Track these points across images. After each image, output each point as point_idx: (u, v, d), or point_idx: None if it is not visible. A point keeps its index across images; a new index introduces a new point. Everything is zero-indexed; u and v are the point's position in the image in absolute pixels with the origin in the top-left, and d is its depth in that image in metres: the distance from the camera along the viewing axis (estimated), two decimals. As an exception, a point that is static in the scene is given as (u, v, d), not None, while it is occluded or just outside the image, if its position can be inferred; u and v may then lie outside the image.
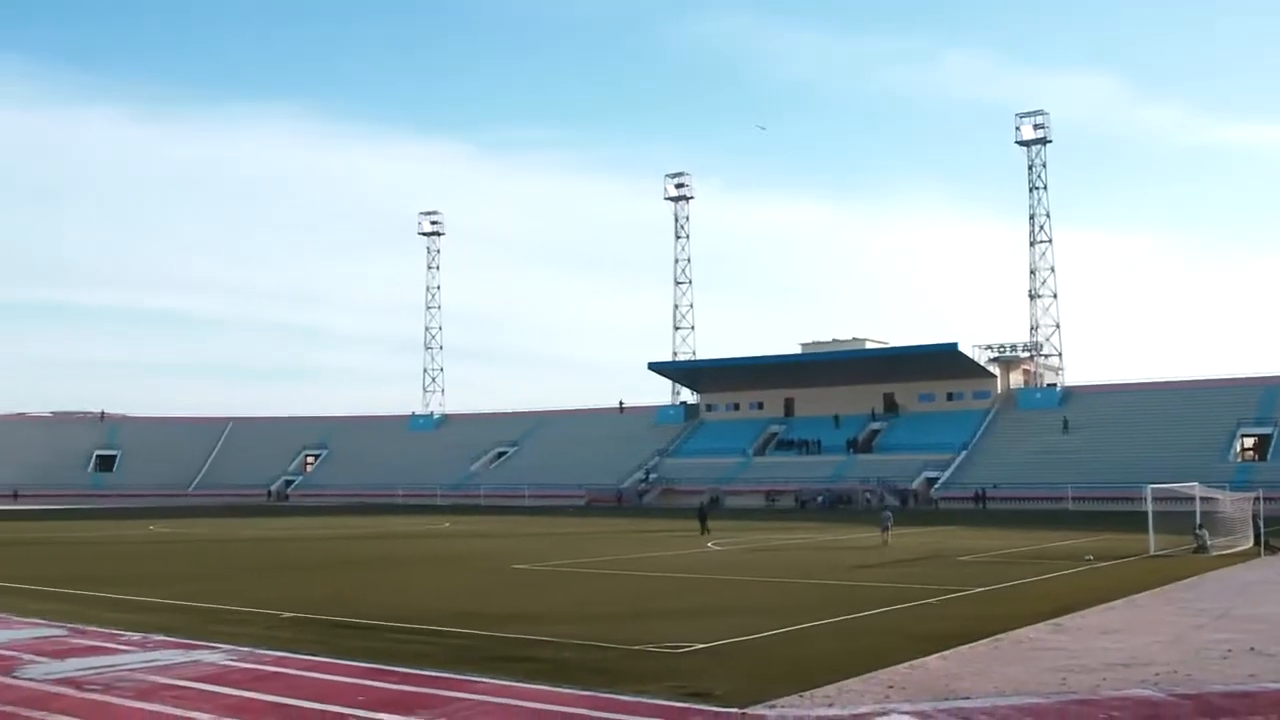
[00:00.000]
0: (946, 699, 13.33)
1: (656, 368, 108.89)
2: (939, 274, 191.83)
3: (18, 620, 20.99)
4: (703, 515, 49.95)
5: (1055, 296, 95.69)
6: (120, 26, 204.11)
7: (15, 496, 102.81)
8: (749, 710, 12.81)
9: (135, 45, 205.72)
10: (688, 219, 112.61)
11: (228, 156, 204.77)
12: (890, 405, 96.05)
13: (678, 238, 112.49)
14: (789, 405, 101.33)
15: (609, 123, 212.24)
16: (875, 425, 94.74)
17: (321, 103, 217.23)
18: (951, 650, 16.73)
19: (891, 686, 14.12)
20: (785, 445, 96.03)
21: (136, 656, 16.78)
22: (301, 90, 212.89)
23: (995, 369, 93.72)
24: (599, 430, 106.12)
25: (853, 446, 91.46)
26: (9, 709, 13.12)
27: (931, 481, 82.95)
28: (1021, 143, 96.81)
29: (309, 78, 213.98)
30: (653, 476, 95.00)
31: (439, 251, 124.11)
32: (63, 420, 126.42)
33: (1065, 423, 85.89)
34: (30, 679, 15.00)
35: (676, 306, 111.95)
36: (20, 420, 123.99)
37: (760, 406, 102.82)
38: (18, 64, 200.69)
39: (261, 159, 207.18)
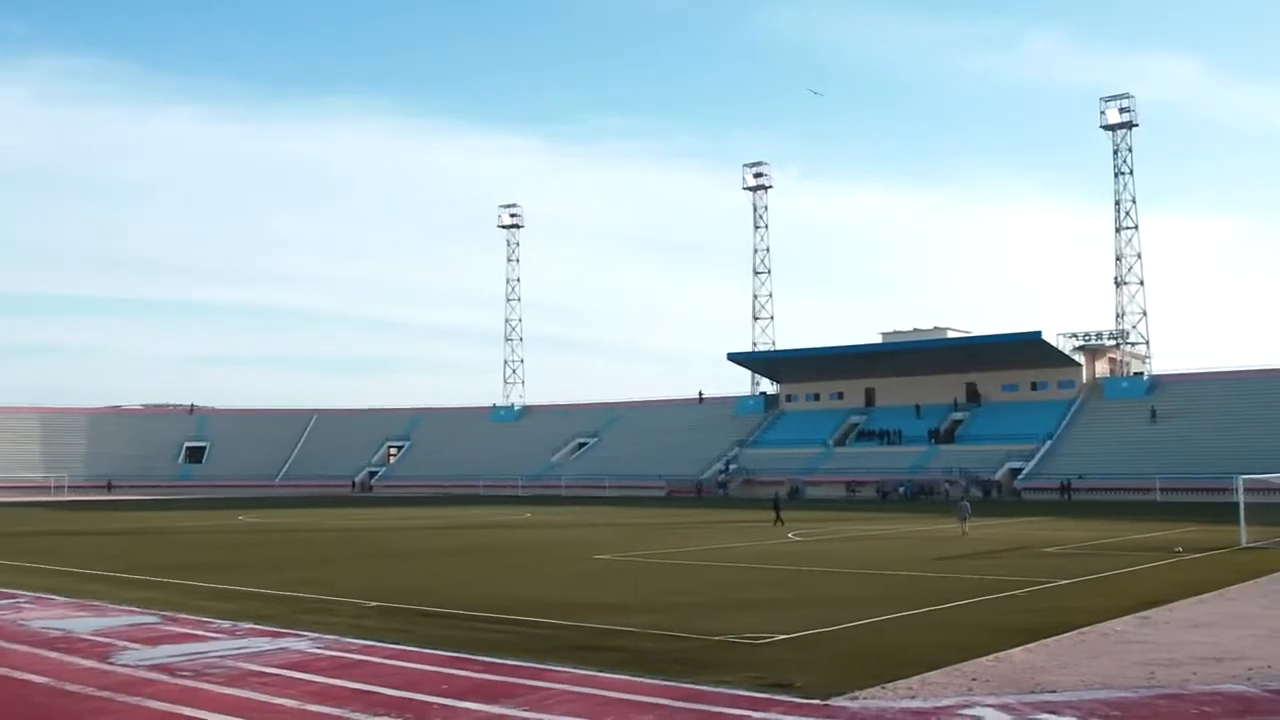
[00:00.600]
0: (1031, 692, 13.18)
1: (736, 358, 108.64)
2: (1022, 262, 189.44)
3: (112, 607, 21.51)
4: (777, 505, 50.06)
5: (1141, 284, 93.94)
6: (202, 27, 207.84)
7: (109, 487, 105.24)
8: (830, 701, 12.76)
9: (216, 45, 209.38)
10: (766, 208, 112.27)
11: (310, 153, 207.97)
12: (973, 395, 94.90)
13: (756, 227, 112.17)
14: (870, 395, 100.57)
15: (687, 113, 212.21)
16: (957, 415, 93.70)
17: (402, 98, 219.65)
18: (1036, 643, 16.52)
19: (975, 679, 13.98)
20: (866, 435, 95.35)
21: (226, 644, 17.12)
22: (382, 86, 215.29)
23: (1080, 358, 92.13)
24: (679, 421, 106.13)
25: (935, 437, 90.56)
26: (104, 694, 13.46)
27: (1015, 472, 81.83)
28: (1106, 127, 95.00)
29: (389, 74, 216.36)
30: (732, 467, 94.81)
31: (518, 244, 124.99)
32: (154, 413, 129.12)
33: (1153, 412, 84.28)
34: (124, 664, 15.37)
35: (755, 296, 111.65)
36: (114, 413, 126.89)
37: (840, 396, 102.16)
38: (105, 65, 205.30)
39: (343, 155, 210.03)
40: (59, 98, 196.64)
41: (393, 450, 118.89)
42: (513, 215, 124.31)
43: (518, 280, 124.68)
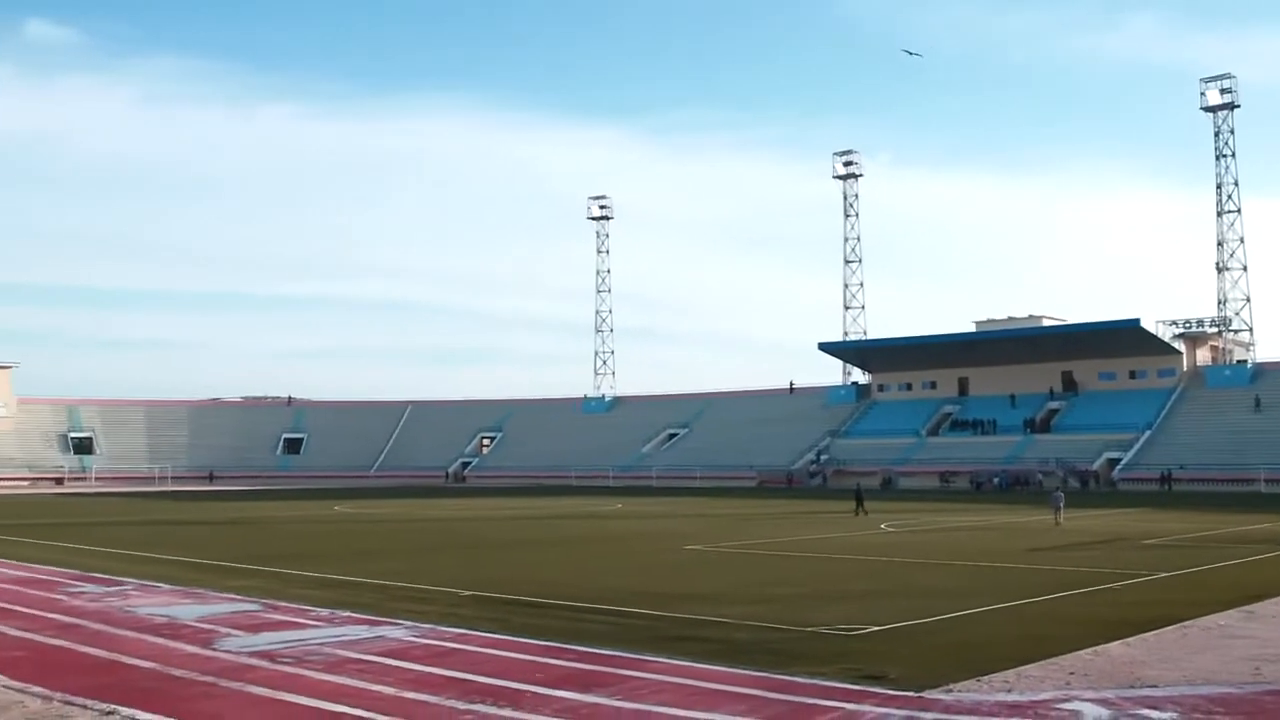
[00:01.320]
0: (1132, 687, 12.95)
1: (827, 348, 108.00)
2: (1119, 248, 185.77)
3: (215, 595, 22.01)
4: (859, 496, 49.80)
5: (1245, 269, 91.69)
6: (302, 26, 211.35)
7: (210, 478, 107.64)
8: (925, 694, 12.66)
9: (315, 43, 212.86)
10: (857, 197, 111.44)
11: (405, 148, 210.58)
12: (1069, 384, 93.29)
13: (847, 216, 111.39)
14: (963, 385, 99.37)
15: (775, 103, 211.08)
16: (1053, 405, 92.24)
17: (494, 93, 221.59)
18: (1136, 637, 16.22)
19: (1073, 673, 13.77)
20: (959, 425, 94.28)
21: (325, 631, 17.44)
22: (474, 81, 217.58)
23: (1181, 345, 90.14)
24: (769, 411, 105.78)
25: (1030, 427, 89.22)
26: (208, 679, 13.79)
27: (1113, 463, 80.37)
28: (1207, 109, 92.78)
29: (481, 68, 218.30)
30: (824, 458, 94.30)
31: (608, 235, 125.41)
32: (253, 405, 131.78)
33: (1258, 401, 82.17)
34: (227, 651, 15.73)
35: (846, 286, 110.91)
36: (214, 406, 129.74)
37: (933, 386, 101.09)
38: (209, 66, 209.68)
39: (437, 149, 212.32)
40: (165, 98, 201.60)
41: (485, 441, 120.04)
42: (602, 207, 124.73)
43: (608, 272, 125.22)
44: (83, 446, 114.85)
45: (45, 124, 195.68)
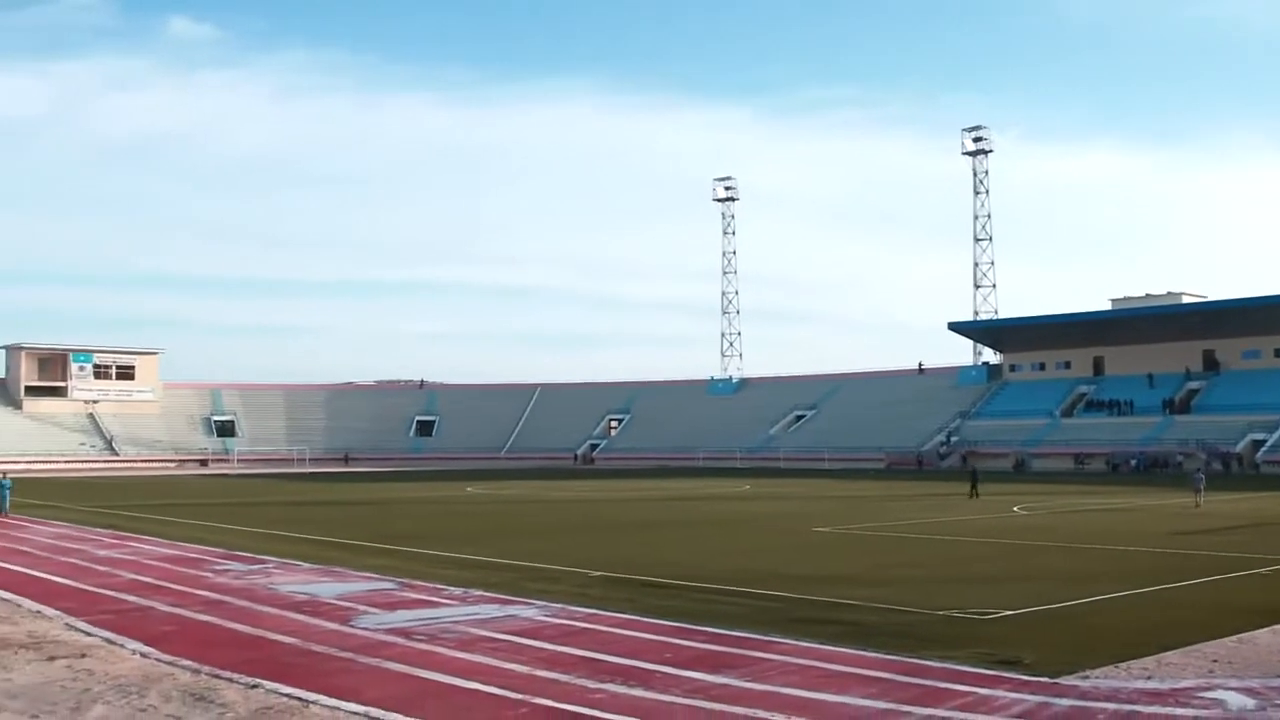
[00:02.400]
0: (1279, 676, 12.56)
1: (957, 327, 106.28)
2: (1263, 221, 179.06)
3: (353, 574, 22.56)
4: (974, 478, 49.10)
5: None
6: (429, 15, 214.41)
7: (346, 460, 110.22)
8: (1061, 680, 12.42)
9: (443, 32, 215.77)
10: (986, 173, 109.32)
11: (530, 134, 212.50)
12: (1210, 363, 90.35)
13: (976, 193, 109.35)
14: (1098, 364, 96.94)
15: (902, 79, 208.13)
16: (1193, 384, 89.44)
17: (619, 77, 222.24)
18: (1284, 623, 15.71)
19: (1216, 660, 13.39)
20: (1095, 406, 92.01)
21: (458, 610, 17.76)
22: (597, 65, 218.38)
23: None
24: (898, 392, 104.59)
25: (1169, 407, 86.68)
26: (346, 655, 14.16)
27: (1258, 444, 77.62)
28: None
29: (602, 51, 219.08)
30: (954, 439, 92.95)
31: (733, 217, 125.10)
32: (386, 389, 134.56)
33: None
34: (364, 628, 16.13)
35: (977, 264, 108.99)
36: (349, 390, 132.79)
37: (1067, 366, 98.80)
38: (340, 58, 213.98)
39: (561, 134, 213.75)
40: (297, 90, 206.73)
41: (613, 423, 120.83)
42: (727, 188, 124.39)
43: (733, 253, 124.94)
44: (225, 429, 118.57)
45: (186, 118, 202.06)
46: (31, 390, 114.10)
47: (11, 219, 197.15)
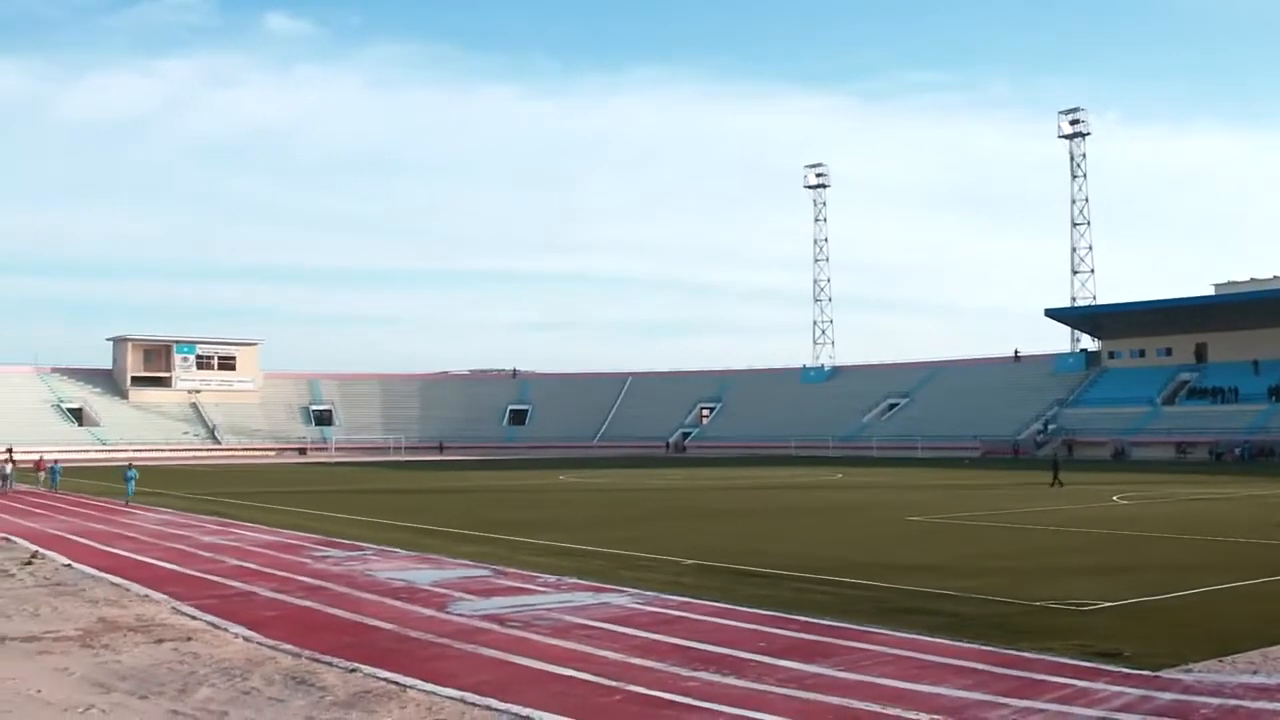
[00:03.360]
0: (1391, 670, 12.20)
1: (1054, 314, 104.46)
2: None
3: (448, 561, 22.85)
4: (1055, 466, 48.40)
5: None
6: (508, 6, 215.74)
7: (440, 448, 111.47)
8: (1162, 674, 12.19)
9: (530, 23, 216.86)
10: (1084, 156, 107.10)
11: (620, 123, 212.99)
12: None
13: (1074, 177, 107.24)
14: (1200, 351, 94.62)
15: (997, 62, 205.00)
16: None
17: (707, 64, 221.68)
18: (1398, 618, 15.25)
19: (1325, 654, 13.04)
20: (1197, 393, 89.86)
21: (552, 597, 17.91)
22: (686, 54, 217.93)
23: None
24: (994, 380, 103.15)
25: (1275, 394, 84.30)
26: (443, 641, 14.36)
27: (1372, 433, 75.30)
28: None
29: (691, 39, 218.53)
30: (1051, 427, 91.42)
31: (825, 204, 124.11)
32: (479, 378, 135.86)
33: None
34: (460, 614, 16.33)
35: (1074, 249, 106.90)
36: (443, 379, 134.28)
37: (1168, 353, 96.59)
38: (429, 51, 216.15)
39: (651, 123, 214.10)
40: (388, 84, 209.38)
41: (705, 412, 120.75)
42: (819, 175, 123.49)
43: (825, 240, 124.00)
44: (323, 418, 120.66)
45: (283, 113, 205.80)
46: (137, 381, 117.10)
47: (118, 214, 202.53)
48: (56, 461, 51.93)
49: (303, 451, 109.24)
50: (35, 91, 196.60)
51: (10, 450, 74.51)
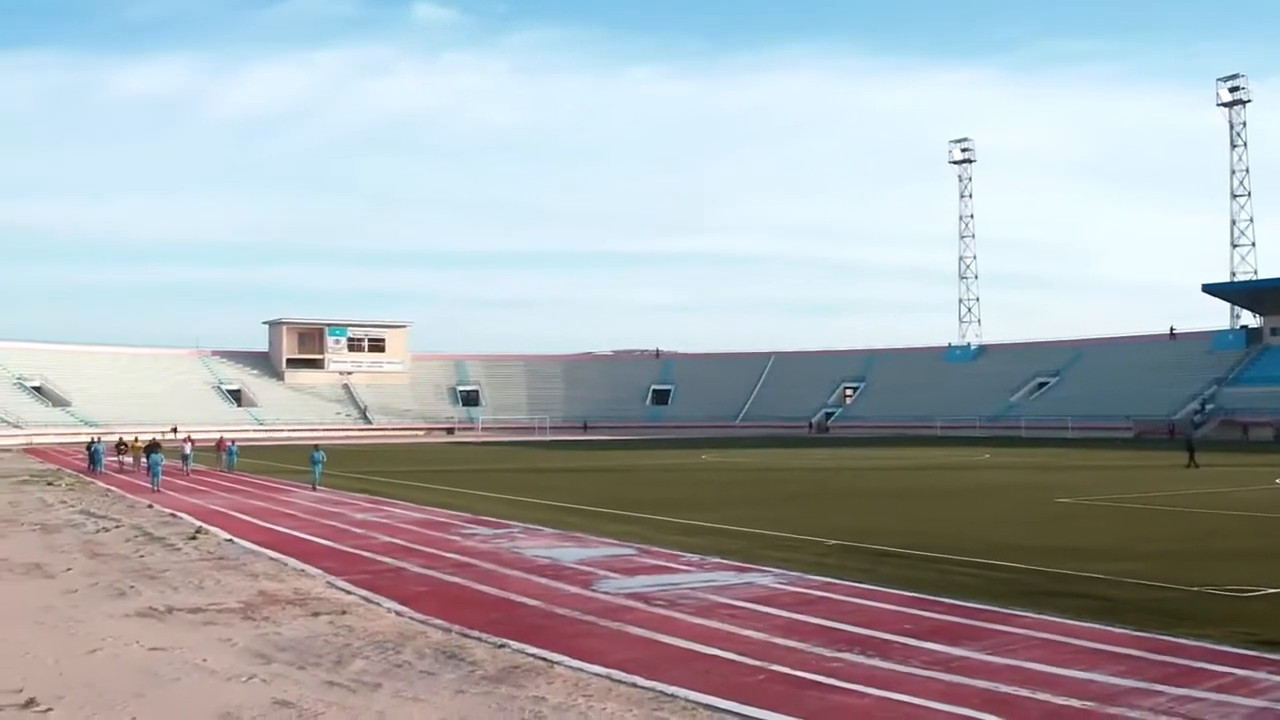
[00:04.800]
0: None
1: (1212, 289, 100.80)
2: None
3: (593, 539, 23.13)
4: (1190, 447, 46.78)
5: None
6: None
7: (584, 428, 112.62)
8: (1328, 662, 11.75)
9: (665, 4, 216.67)
10: (1244, 125, 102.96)
11: (762, 101, 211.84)
12: None
13: (1233, 146, 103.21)
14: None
15: (1150, 29, 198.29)
16: None
17: (848, 40, 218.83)
18: None
19: None
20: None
21: (695, 576, 18.01)
22: (828, 30, 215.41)
23: None
24: (1147, 358, 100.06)
25: None
26: (589, 618, 14.56)
27: None
28: None
29: (836, 16, 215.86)
30: (1209, 407, 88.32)
31: (970, 179, 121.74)
32: (622, 359, 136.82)
33: None
34: (605, 592, 16.53)
35: (1234, 222, 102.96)
36: (587, 360, 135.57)
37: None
38: (573, 35, 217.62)
39: (794, 101, 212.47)
40: (534, 68, 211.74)
41: (848, 391, 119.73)
42: (964, 150, 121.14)
43: (970, 217, 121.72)
44: (470, 399, 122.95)
45: (431, 100, 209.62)
46: (292, 363, 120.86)
47: (273, 202, 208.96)
48: (233, 442, 53.28)
49: (450, 431, 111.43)
50: (195, 86, 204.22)
51: (175, 430, 77.59)
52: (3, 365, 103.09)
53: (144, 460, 44.32)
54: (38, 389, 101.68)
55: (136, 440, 52.42)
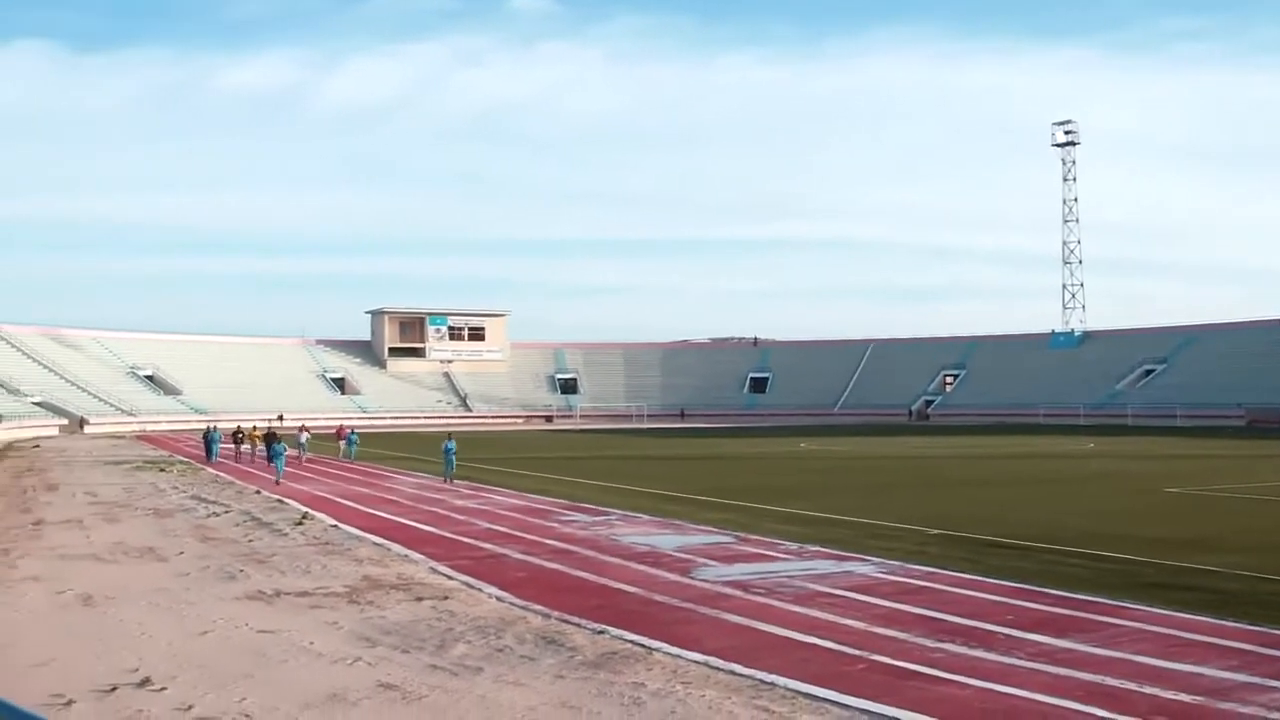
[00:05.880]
0: None
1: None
2: None
3: (692, 527, 23.15)
4: None
5: None
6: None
7: (682, 415, 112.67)
8: None
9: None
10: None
11: (859, 86, 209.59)
12: None
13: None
14: None
15: (1262, 2, 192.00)
16: None
17: (947, 22, 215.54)
18: None
19: None
20: None
21: (794, 565, 17.94)
22: (925, 12, 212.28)
23: None
24: (1260, 345, 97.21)
25: None
26: (687, 605, 14.58)
27: None
28: None
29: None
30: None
31: (1074, 162, 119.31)
32: (720, 346, 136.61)
33: None
34: (704, 580, 16.54)
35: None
36: (684, 347, 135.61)
37: None
38: (667, 22, 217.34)
39: (891, 85, 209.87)
40: (629, 56, 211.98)
41: (948, 379, 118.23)
42: (1068, 133, 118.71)
43: (1074, 200, 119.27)
44: (568, 386, 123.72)
45: (527, 89, 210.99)
46: (394, 351, 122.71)
47: (374, 193, 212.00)
48: (354, 430, 51.97)
49: (549, 419, 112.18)
50: (299, 80, 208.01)
51: (281, 418, 79.17)
52: (117, 355, 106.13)
53: (260, 449, 44.77)
54: (150, 378, 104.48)
55: (254, 429, 51.61)
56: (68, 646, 12.37)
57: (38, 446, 61.84)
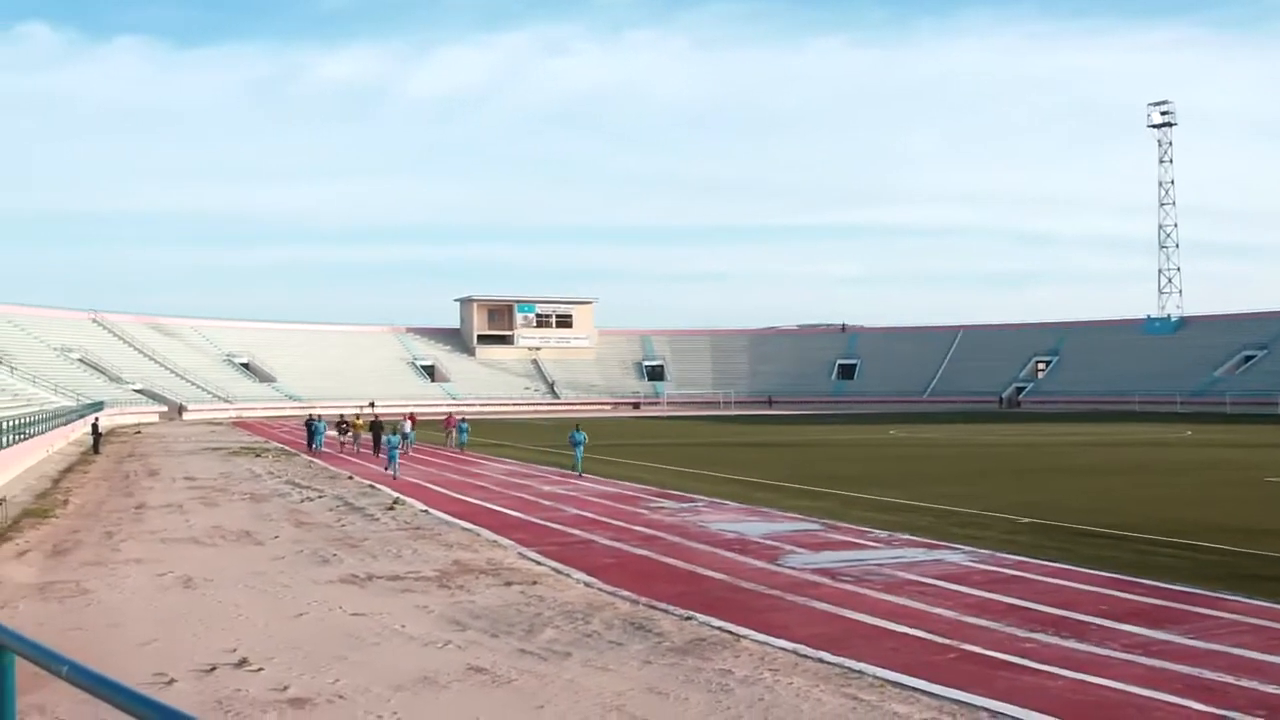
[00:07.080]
0: None
1: None
2: None
3: (779, 514, 23.10)
4: None
5: None
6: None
7: (769, 402, 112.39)
8: None
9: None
10: None
11: (948, 68, 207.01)
12: None
13: None
14: None
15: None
16: None
17: (1036, 3, 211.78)
18: None
19: None
20: None
21: (883, 553, 17.82)
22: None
23: None
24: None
25: None
26: (774, 593, 14.56)
27: None
28: None
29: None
30: None
31: (1171, 144, 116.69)
32: (808, 333, 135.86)
33: None
34: (791, 567, 16.50)
35: None
36: (771, 334, 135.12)
37: None
38: (755, 7, 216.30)
39: (983, 66, 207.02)
40: (715, 42, 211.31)
41: (1040, 365, 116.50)
42: (1164, 113, 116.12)
43: (1171, 183, 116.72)
44: (655, 373, 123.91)
45: (614, 77, 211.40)
46: (483, 339, 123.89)
47: (463, 182, 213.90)
48: (464, 419, 49.89)
49: (636, 406, 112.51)
50: (388, 71, 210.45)
51: (371, 405, 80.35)
52: (214, 343, 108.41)
53: (364, 437, 44.94)
54: (246, 365, 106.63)
55: (358, 418, 50.30)
56: (169, 627, 12.70)
57: (139, 432, 63.54)
